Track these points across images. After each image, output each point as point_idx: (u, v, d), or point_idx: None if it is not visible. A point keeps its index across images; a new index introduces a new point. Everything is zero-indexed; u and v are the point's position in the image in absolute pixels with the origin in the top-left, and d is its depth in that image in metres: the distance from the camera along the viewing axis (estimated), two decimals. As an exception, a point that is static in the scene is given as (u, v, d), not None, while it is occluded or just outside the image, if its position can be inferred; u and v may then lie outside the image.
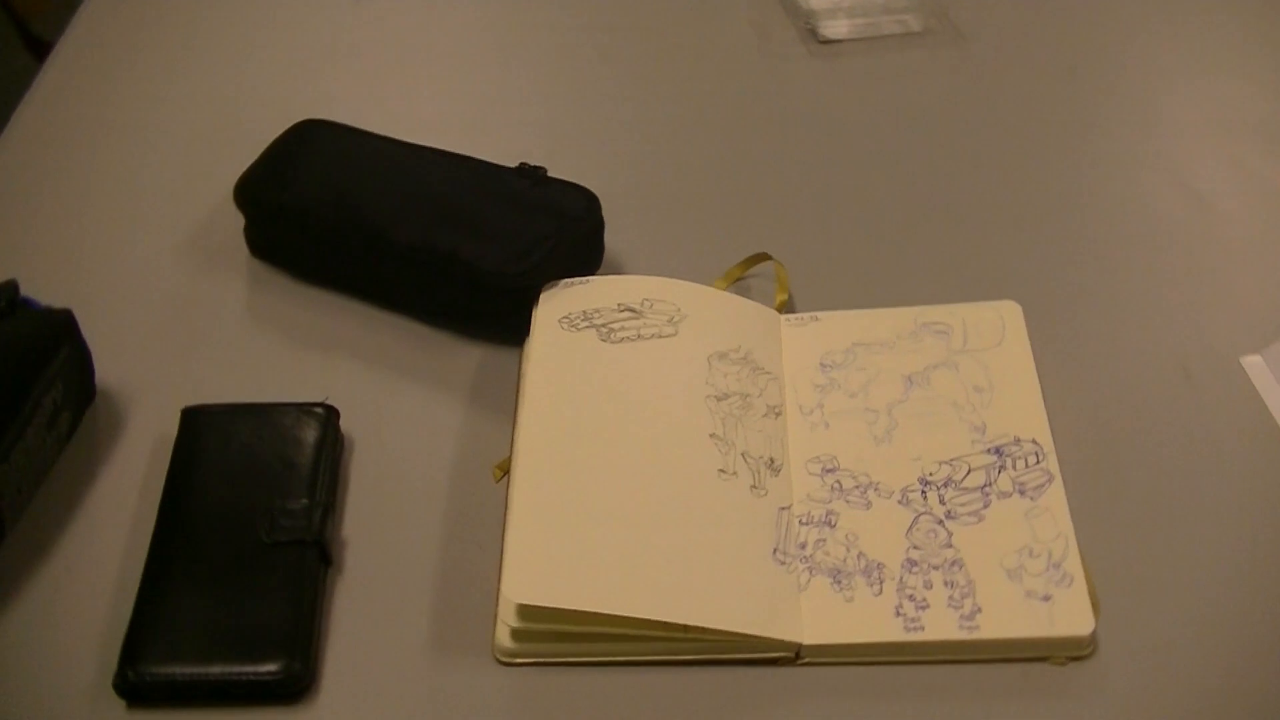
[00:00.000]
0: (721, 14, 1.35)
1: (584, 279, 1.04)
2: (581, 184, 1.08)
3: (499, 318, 1.05)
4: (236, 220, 1.12)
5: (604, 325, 1.00)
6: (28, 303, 0.97)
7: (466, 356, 1.05)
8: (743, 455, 0.94)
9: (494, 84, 1.30)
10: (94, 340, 1.01)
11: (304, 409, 0.98)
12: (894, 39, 1.31)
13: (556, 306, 1.01)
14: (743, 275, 1.09)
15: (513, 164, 1.10)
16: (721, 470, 0.93)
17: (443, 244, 1.03)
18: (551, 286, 1.03)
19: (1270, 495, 0.96)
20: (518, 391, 1.02)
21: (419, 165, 1.10)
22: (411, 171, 1.09)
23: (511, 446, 0.98)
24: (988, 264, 1.12)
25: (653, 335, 1.00)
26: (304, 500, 0.92)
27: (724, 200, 1.17)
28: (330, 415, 0.98)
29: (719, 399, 0.97)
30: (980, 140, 1.23)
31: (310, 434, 0.96)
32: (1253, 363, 1.03)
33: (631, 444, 0.93)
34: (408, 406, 1.02)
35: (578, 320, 1.00)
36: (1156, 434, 1.00)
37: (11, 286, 0.96)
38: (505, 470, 0.97)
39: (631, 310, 1.01)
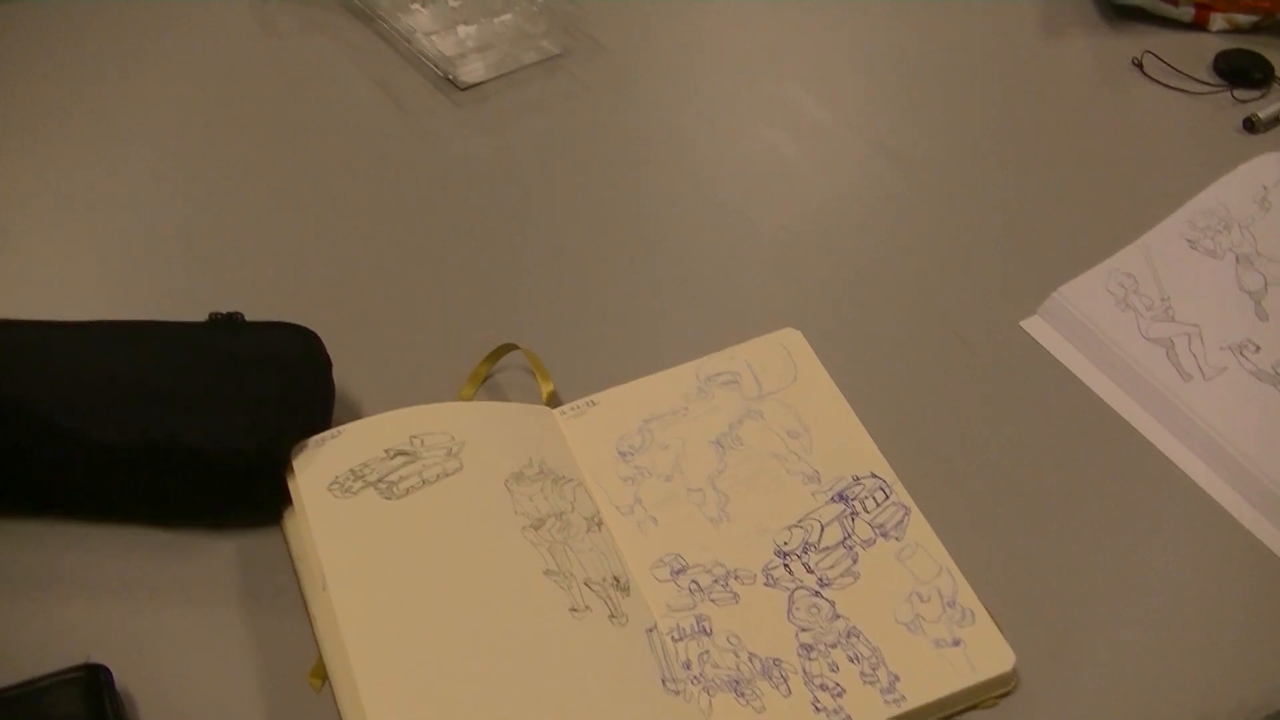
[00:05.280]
0: (348, 85, 1.20)
1: (334, 431, 0.90)
2: (282, 321, 0.95)
3: (245, 501, 0.90)
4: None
5: (381, 480, 0.87)
6: None
7: (220, 553, 0.89)
8: (586, 584, 0.84)
9: (127, 228, 1.09)
10: None
11: (64, 679, 0.81)
12: (535, 68, 1.21)
13: (318, 472, 0.88)
14: (489, 374, 0.98)
15: (199, 318, 0.95)
16: (573, 609, 0.82)
17: (155, 433, 0.88)
18: (301, 449, 0.89)
19: (1106, 438, 0.96)
20: (298, 578, 0.88)
21: (89, 346, 0.93)
22: (83, 355, 0.92)
23: (319, 646, 0.84)
24: (741, 292, 1.05)
25: (438, 476, 0.88)
26: (114, 796, 0.76)
27: (434, 295, 1.04)
28: (99, 676, 0.81)
29: (535, 527, 0.86)
30: (659, 152, 1.15)
31: (84, 708, 0.79)
32: (1033, 324, 1.01)
33: (466, 608, 0.82)
34: (180, 634, 0.86)
35: (349, 482, 0.87)
36: (977, 425, 0.96)
37: None
38: (323, 676, 0.83)
39: (404, 454, 0.88)
